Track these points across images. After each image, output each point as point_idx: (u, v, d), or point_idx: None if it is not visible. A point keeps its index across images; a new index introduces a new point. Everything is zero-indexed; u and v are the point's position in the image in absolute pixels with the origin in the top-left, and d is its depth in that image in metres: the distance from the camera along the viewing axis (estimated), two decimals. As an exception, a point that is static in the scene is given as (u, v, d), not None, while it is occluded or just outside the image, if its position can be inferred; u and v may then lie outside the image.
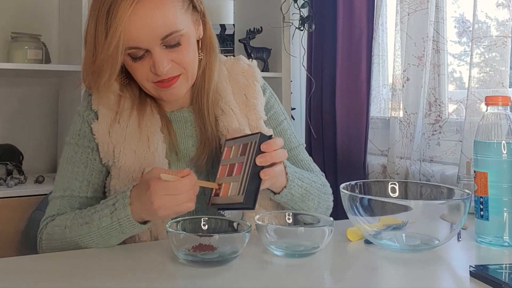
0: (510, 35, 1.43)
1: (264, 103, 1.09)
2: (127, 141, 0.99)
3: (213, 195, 0.92)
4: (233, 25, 2.33)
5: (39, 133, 2.19)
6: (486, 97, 0.96)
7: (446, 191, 0.96)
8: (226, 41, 2.24)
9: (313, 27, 2.09)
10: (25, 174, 1.91)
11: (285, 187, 0.97)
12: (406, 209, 0.86)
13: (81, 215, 0.93)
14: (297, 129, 2.25)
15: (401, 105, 1.74)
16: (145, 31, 0.91)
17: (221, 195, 0.90)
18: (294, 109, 2.30)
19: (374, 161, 1.88)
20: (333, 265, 0.87)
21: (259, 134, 0.90)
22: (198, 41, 1.01)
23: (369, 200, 0.88)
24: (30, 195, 1.73)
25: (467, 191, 0.91)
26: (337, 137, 1.98)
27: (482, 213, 0.93)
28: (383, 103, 1.98)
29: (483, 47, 1.47)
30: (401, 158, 1.74)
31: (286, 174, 0.97)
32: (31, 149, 2.14)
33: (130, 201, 0.87)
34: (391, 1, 1.89)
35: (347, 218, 0.92)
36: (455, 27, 1.74)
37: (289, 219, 0.94)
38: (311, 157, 1.16)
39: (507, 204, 0.91)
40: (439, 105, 1.69)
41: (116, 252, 0.91)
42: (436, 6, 1.66)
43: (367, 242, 0.93)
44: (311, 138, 2.11)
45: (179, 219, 0.87)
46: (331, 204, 1.12)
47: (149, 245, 0.96)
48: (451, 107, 1.72)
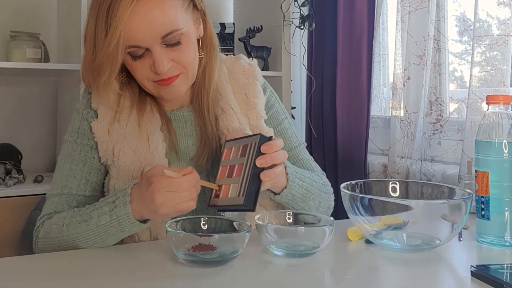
0: (511, 34, 1.42)
1: (264, 102, 1.09)
2: (126, 140, 0.99)
3: (213, 196, 0.92)
4: (233, 23, 2.33)
5: (38, 132, 2.19)
6: (487, 96, 0.95)
7: (447, 190, 0.95)
8: (226, 39, 2.23)
9: (314, 25, 2.09)
10: (24, 173, 1.91)
11: (285, 187, 0.97)
12: (407, 208, 0.86)
13: (79, 213, 0.93)
14: (298, 128, 2.24)
15: (402, 104, 1.74)
16: (145, 29, 0.90)
17: (221, 196, 0.90)
18: (294, 108, 2.30)
19: (374, 161, 1.87)
20: (333, 265, 0.87)
21: (259, 135, 0.89)
22: (198, 40, 1.01)
23: (370, 199, 0.87)
24: (29, 194, 1.72)
25: (468, 190, 0.91)
26: (338, 136, 1.97)
27: (483, 212, 0.92)
28: (383, 102, 1.98)
29: (484, 46, 1.46)
30: (402, 157, 1.73)
31: (286, 174, 0.96)
32: (30, 148, 2.13)
33: (130, 199, 0.87)
34: (392, 0, 1.88)
35: (348, 217, 0.92)
36: (456, 25, 1.73)
37: (289, 218, 0.94)
38: (311, 157, 1.16)
39: (508, 203, 0.90)
40: (440, 104, 1.69)
41: (115, 252, 0.90)
42: (437, 4, 1.66)
43: (368, 242, 0.92)
44: (312, 137, 2.11)
45: (178, 218, 0.87)
46: (332, 203, 1.12)
47: (148, 245, 0.95)
48: (452, 106, 1.72)
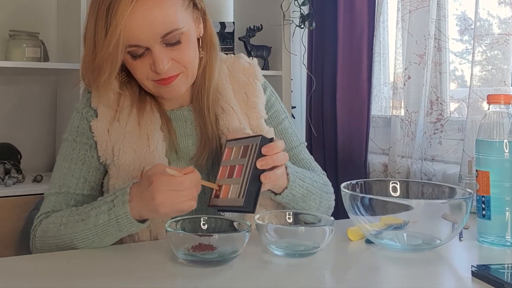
0: (512, 33, 1.42)
1: (264, 101, 1.09)
2: (126, 139, 0.98)
3: (213, 196, 0.92)
4: (233, 23, 2.32)
5: (37, 132, 2.18)
6: (488, 96, 0.95)
7: (447, 190, 0.95)
8: (226, 39, 2.23)
9: (314, 25, 2.08)
10: (23, 173, 1.89)
11: (286, 187, 0.96)
12: (407, 208, 0.86)
13: (77, 212, 0.92)
14: (298, 128, 2.24)
15: (403, 103, 1.73)
16: (145, 29, 0.90)
17: (221, 196, 0.90)
18: (294, 107, 2.30)
19: (375, 160, 1.87)
20: (333, 265, 0.87)
21: (260, 136, 0.89)
22: (198, 39, 1.01)
23: (370, 199, 0.87)
24: (28, 194, 1.71)
25: (469, 190, 0.91)
26: (338, 136, 1.97)
27: (484, 212, 0.92)
28: (384, 102, 1.98)
29: (485, 45, 1.46)
30: (403, 157, 1.73)
31: (287, 174, 0.96)
32: (29, 148, 2.13)
33: (129, 198, 0.86)
34: (392, -1, 1.88)
35: (348, 217, 0.92)
36: (456, 25, 1.73)
37: (289, 218, 0.94)
38: (312, 156, 1.16)
39: (509, 203, 0.90)
40: (441, 104, 1.69)
41: (115, 251, 0.90)
42: (437, 3, 1.66)
43: (368, 241, 0.92)
44: (312, 136, 2.11)
45: (178, 218, 0.86)
46: (333, 203, 1.11)
47: (148, 244, 0.95)
48: (453, 106, 1.72)
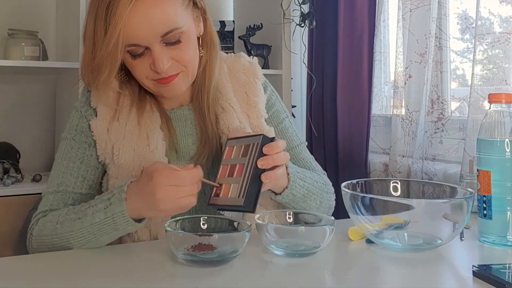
0: (513, 32, 1.42)
1: (265, 101, 1.09)
2: (126, 139, 0.98)
3: (213, 195, 0.91)
4: (233, 21, 2.32)
5: (36, 131, 2.18)
6: (489, 95, 0.95)
7: (448, 189, 0.95)
8: (225, 37, 2.22)
9: (314, 23, 2.08)
10: (22, 172, 1.88)
11: (286, 187, 0.96)
12: (408, 208, 0.86)
13: (74, 211, 0.92)
14: (298, 127, 2.23)
15: (403, 102, 1.73)
16: (145, 28, 0.90)
17: (221, 196, 0.89)
18: (294, 106, 2.29)
19: (375, 160, 1.87)
20: (334, 265, 0.86)
21: (262, 136, 0.89)
22: (198, 38, 1.01)
23: (371, 199, 0.87)
24: (27, 194, 1.70)
25: (470, 189, 0.90)
26: (338, 135, 1.97)
27: (485, 212, 0.92)
28: (384, 101, 1.97)
29: (486, 44, 1.45)
30: (403, 156, 1.72)
31: (287, 174, 0.96)
32: (28, 147, 2.12)
33: (126, 196, 0.85)
34: (393, -2, 1.87)
35: (348, 217, 0.91)
36: (457, 23, 1.72)
37: (289, 218, 0.93)
38: (312, 156, 1.15)
39: (510, 203, 0.90)
40: (442, 103, 1.68)
41: (115, 251, 0.90)
42: (438, 2, 1.65)
43: (369, 241, 0.92)
44: (312, 136, 2.10)
45: (178, 218, 0.86)
46: (333, 203, 1.11)
47: (148, 244, 0.95)
48: (454, 105, 1.71)
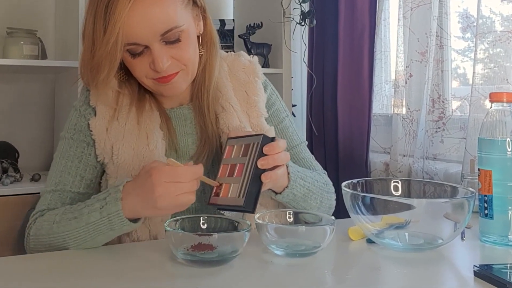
0: (514, 31, 1.41)
1: (265, 100, 1.08)
2: (125, 138, 0.98)
3: (213, 194, 0.91)
4: (233, 20, 2.31)
5: (35, 130, 2.17)
6: (490, 94, 0.95)
7: (449, 189, 0.95)
8: (225, 36, 2.22)
9: (314, 22, 2.07)
10: (21, 172, 1.88)
11: (287, 187, 0.96)
12: (409, 207, 0.85)
13: (71, 210, 0.91)
14: (298, 126, 2.21)
15: (404, 101, 1.72)
16: (144, 27, 0.90)
17: (221, 195, 0.89)
18: (295, 105, 2.29)
19: (376, 159, 1.86)
20: (334, 264, 0.86)
21: (262, 135, 0.88)
22: (198, 37, 1.00)
23: (372, 198, 0.86)
24: (26, 193, 1.70)
25: (471, 189, 0.90)
26: (339, 134, 1.96)
27: (486, 211, 0.91)
28: (385, 100, 1.97)
29: (487, 43, 1.45)
30: (404, 155, 1.72)
31: (288, 173, 0.95)
32: (27, 146, 2.12)
33: (122, 196, 0.85)
34: (394, -4, 1.87)
35: (349, 216, 0.91)
36: (459, 22, 1.72)
37: (290, 218, 0.93)
38: (312, 155, 1.15)
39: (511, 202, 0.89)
40: (443, 102, 1.68)
41: (114, 251, 0.90)
42: (439, 1, 1.64)
43: (369, 241, 0.91)
44: (312, 135, 2.10)
45: (178, 217, 0.86)
46: (334, 203, 1.11)
47: (147, 244, 0.95)
48: (455, 104, 1.71)
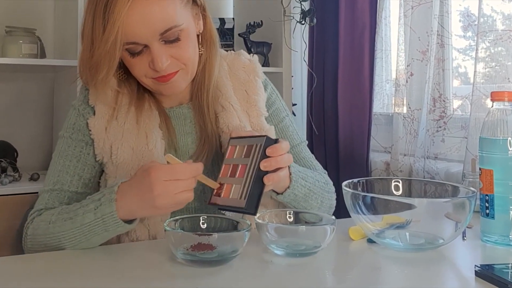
0: (516, 29, 1.41)
1: (265, 99, 1.08)
2: (124, 137, 0.97)
3: (214, 194, 0.91)
4: (233, 19, 2.31)
5: (34, 130, 2.17)
6: (491, 93, 0.94)
7: (450, 189, 0.94)
8: (225, 35, 2.22)
9: (315, 21, 2.07)
10: (19, 171, 1.88)
11: (288, 187, 0.95)
12: (410, 207, 0.85)
13: (67, 210, 0.91)
14: (298, 125, 2.22)
15: (405, 101, 1.72)
16: (144, 26, 0.89)
17: (222, 195, 0.88)
18: (295, 105, 2.28)
19: (377, 158, 1.86)
20: (335, 264, 0.86)
21: (265, 137, 0.88)
22: (198, 36, 1.00)
23: (372, 198, 0.86)
24: (24, 193, 1.70)
25: (472, 189, 0.90)
26: (339, 134, 1.96)
27: (487, 211, 0.91)
28: (386, 99, 1.96)
29: (488, 42, 1.44)
30: (405, 155, 1.72)
31: (290, 174, 0.95)
32: (26, 145, 2.12)
33: (116, 197, 0.84)
34: (395, -5, 1.86)
35: (349, 216, 0.91)
36: (460, 21, 1.71)
37: (290, 217, 0.93)
38: (313, 155, 1.14)
39: (513, 202, 0.89)
40: (444, 101, 1.67)
41: (113, 251, 0.89)
42: (440, -1, 1.64)
43: (370, 241, 0.91)
44: (313, 134, 2.10)
45: (177, 217, 0.85)
46: (334, 202, 1.11)
47: (147, 244, 0.94)
48: (456, 103, 1.70)
